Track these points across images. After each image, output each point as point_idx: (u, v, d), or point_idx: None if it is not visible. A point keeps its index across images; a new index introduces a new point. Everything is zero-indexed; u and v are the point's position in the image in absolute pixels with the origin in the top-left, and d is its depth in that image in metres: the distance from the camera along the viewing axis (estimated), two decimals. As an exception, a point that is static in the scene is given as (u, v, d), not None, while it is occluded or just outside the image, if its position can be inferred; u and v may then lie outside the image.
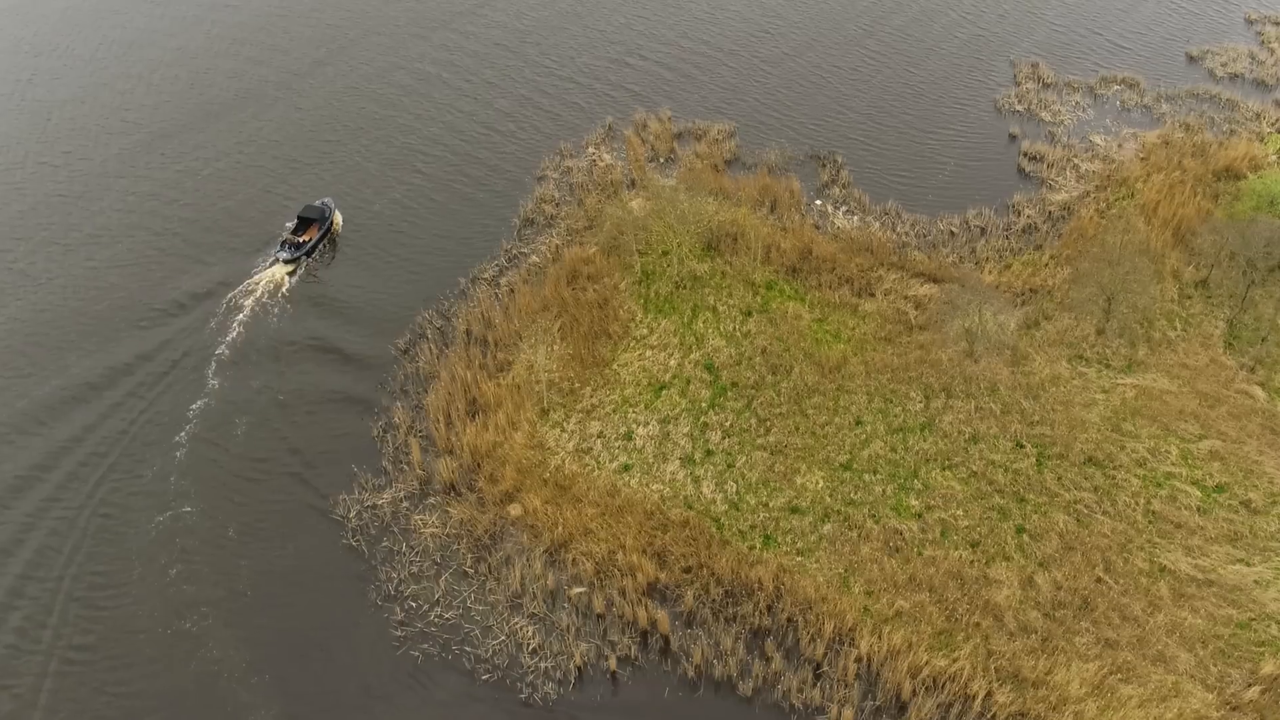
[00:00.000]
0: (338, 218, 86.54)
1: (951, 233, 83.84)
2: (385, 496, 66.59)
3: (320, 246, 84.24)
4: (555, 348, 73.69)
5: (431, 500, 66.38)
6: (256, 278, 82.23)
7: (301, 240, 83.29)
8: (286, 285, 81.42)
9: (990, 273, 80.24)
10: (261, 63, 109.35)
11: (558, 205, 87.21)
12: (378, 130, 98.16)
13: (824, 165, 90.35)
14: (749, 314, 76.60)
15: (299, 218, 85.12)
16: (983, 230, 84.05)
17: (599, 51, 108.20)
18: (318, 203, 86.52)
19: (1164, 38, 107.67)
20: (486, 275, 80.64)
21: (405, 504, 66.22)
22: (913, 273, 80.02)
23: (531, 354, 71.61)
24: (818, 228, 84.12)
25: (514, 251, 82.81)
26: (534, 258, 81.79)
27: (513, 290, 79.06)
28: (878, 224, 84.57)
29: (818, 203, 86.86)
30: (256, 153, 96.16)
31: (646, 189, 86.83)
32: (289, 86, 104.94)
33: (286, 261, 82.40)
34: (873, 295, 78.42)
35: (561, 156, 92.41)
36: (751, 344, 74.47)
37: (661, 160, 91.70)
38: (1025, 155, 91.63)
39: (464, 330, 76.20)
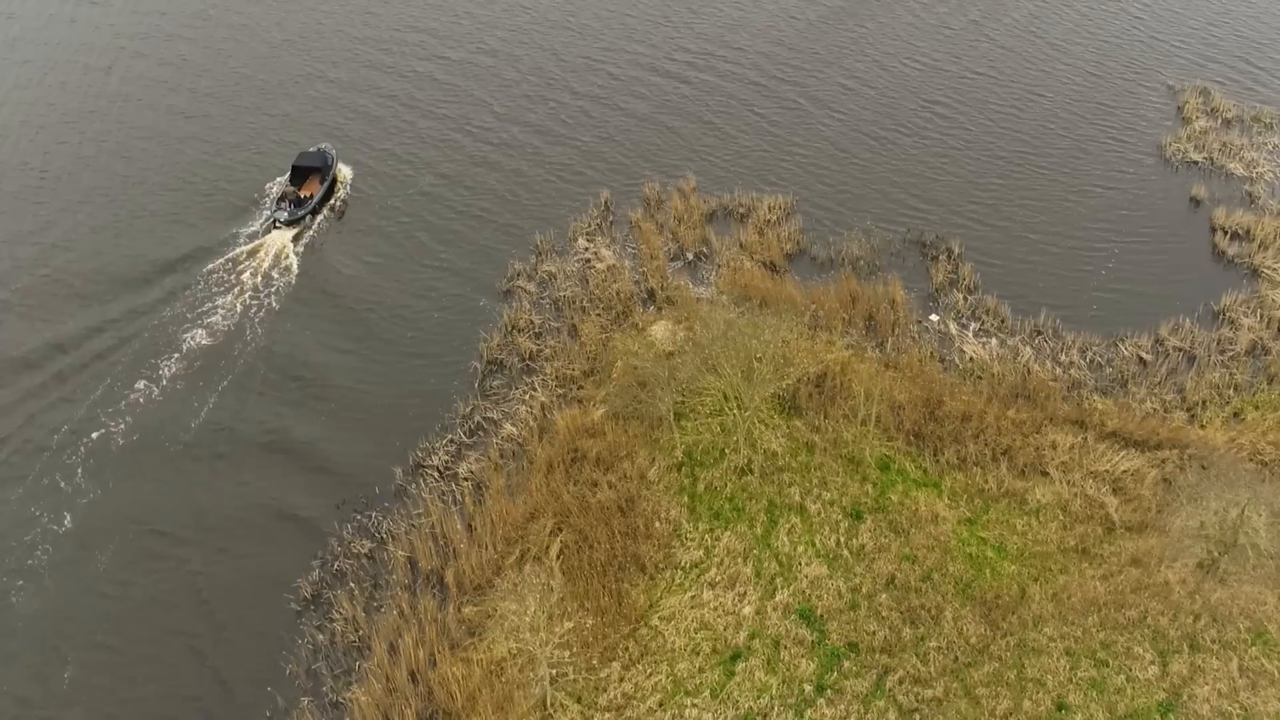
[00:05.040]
0: (342, 170, 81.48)
1: (1141, 360, 66.47)
2: None
3: (325, 205, 79.14)
4: (556, 592, 54.30)
5: None
6: (245, 248, 75.49)
7: (304, 196, 77.96)
8: (292, 257, 74.77)
9: (1212, 425, 62.74)
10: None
11: (538, 336, 68.35)
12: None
13: (934, 258, 72.62)
14: (858, 516, 58.12)
15: (294, 167, 79.83)
16: (1188, 356, 66.68)
17: (581, 89, 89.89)
18: (313, 149, 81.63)
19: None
20: (436, 461, 61.35)
21: None
22: (1101, 433, 62.22)
23: (517, 605, 52.17)
24: (941, 360, 65.91)
25: (476, 418, 63.71)
26: (509, 427, 62.75)
27: (480, 487, 59.94)
28: (1029, 350, 66.70)
29: (933, 318, 68.96)
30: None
31: (678, 307, 68.27)
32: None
33: (287, 223, 76.54)
34: (1045, 474, 60.44)
35: (538, 255, 73.82)
36: (870, 570, 55.93)
37: (690, 257, 73.26)
38: (1220, 230, 75.15)
39: (404, 561, 56.60)
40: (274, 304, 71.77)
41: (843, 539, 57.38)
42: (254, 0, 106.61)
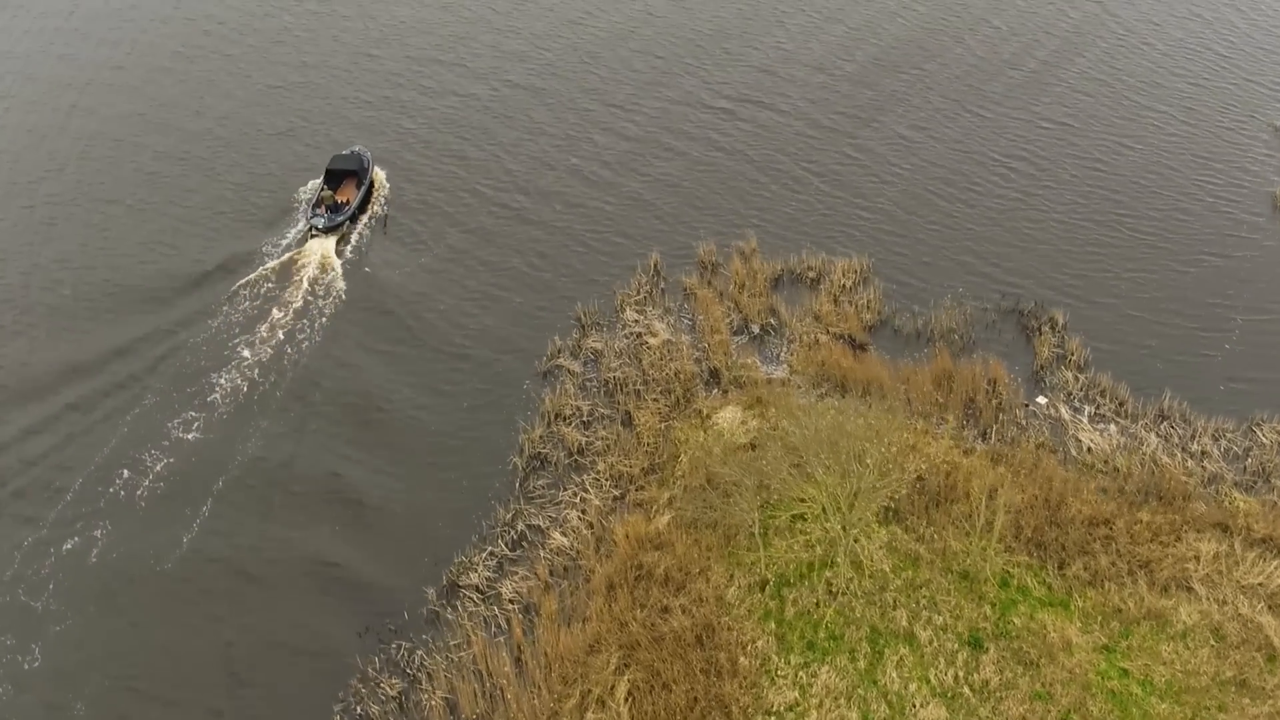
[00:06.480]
0: (378, 173, 79.27)
1: (1284, 449, 58.87)
2: None
3: (364, 212, 76.74)
4: (626, 744, 46.46)
5: None
6: (278, 261, 72.07)
7: (340, 201, 75.35)
8: (338, 266, 71.77)
9: (1375, 527, 55.04)
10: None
11: (587, 426, 60.81)
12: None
13: (1035, 330, 65.33)
14: (978, 644, 50.51)
15: (328, 170, 77.41)
16: (1338, 444, 59.11)
17: (612, 138, 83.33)
18: (347, 151, 79.42)
19: None
20: (475, 579, 53.53)
21: None
22: (1249, 539, 54.76)
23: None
24: (1054, 451, 58.51)
25: (519, 525, 56.12)
26: (558, 537, 54.99)
27: (529, 611, 52.05)
28: (1155, 439, 59.14)
29: (1041, 400, 61.54)
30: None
31: (747, 390, 60.95)
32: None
33: (326, 229, 73.11)
34: (1189, 589, 52.61)
35: (582, 329, 66.51)
36: (996, 712, 48.52)
37: (756, 330, 65.87)
38: (1352, 294, 67.76)
39: (443, 704, 48.83)
40: (306, 346, 66.23)
41: (962, 674, 49.62)
42: (267, 16, 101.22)
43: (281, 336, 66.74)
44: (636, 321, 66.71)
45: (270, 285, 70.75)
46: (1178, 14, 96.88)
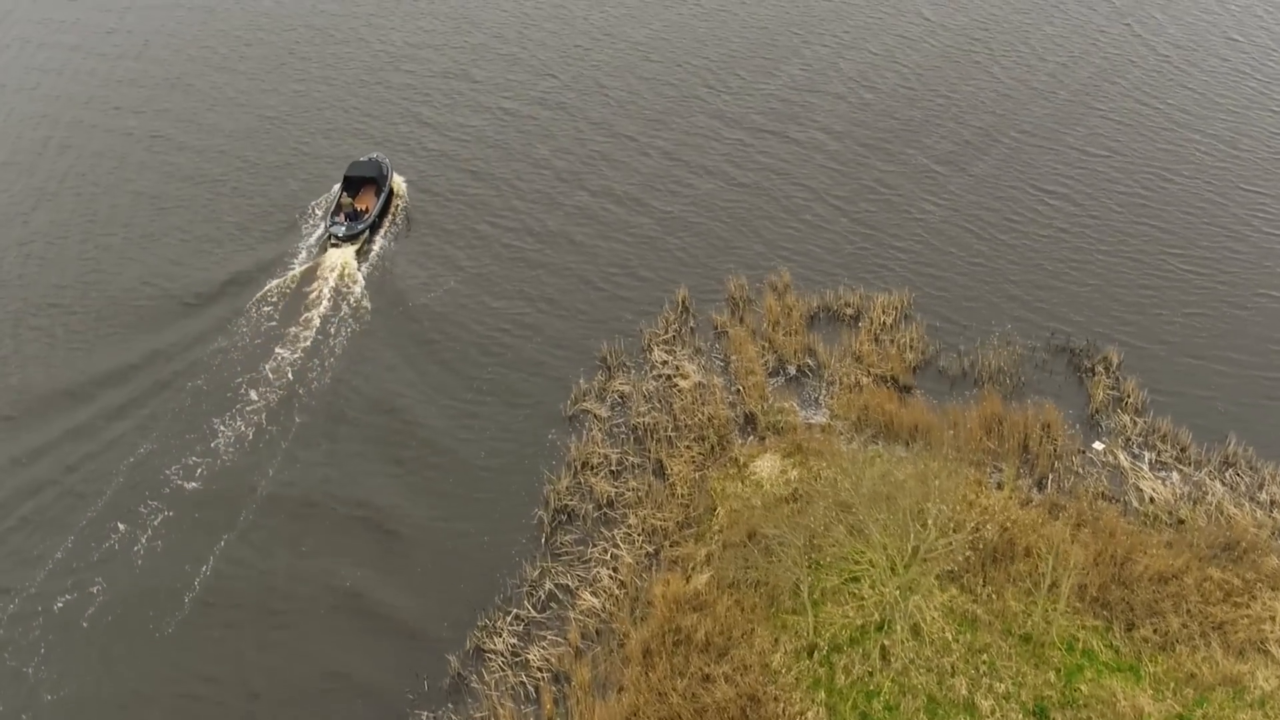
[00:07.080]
0: (397, 180, 77.70)
1: (1356, 499, 55.64)
2: None
3: (384, 221, 74.97)
4: (669, 829, 42.89)
5: None
6: (296, 272, 70.04)
7: (361, 209, 73.50)
8: (359, 280, 69.66)
9: None
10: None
11: (616, 475, 57.54)
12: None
13: (1088, 371, 62.22)
14: (1043, 715, 47.54)
15: (346, 178, 75.61)
16: None
17: (630, 168, 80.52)
18: (365, 158, 77.58)
19: None
20: (500, 644, 50.16)
21: None
22: (1328, 597, 51.24)
23: None
24: (1114, 501, 55.40)
25: (547, 584, 52.69)
26: (588, 597, 51.58)
27: (560, 679, 48.61)
28: (1220, 487, 55.93)
29: (1097, 446, 58.32)
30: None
31: (786, 437, 57.63)
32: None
33: (345, 238, 71.55)
34: (1266, 652, 49.45)
35: (608, 372, 63.29)
36: (1067, 792, 44.51)
37: (792, 371, 62.63)
38: None
39: (468, 784, 45.17)
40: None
41: (1028, 748, 46.19)
42: (269, 30, 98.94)
43: (291, 374, 63.40)
44: (665, 362, 63.46)
45: (287, 300, 68.10)
46: (1213, 39, 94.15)
